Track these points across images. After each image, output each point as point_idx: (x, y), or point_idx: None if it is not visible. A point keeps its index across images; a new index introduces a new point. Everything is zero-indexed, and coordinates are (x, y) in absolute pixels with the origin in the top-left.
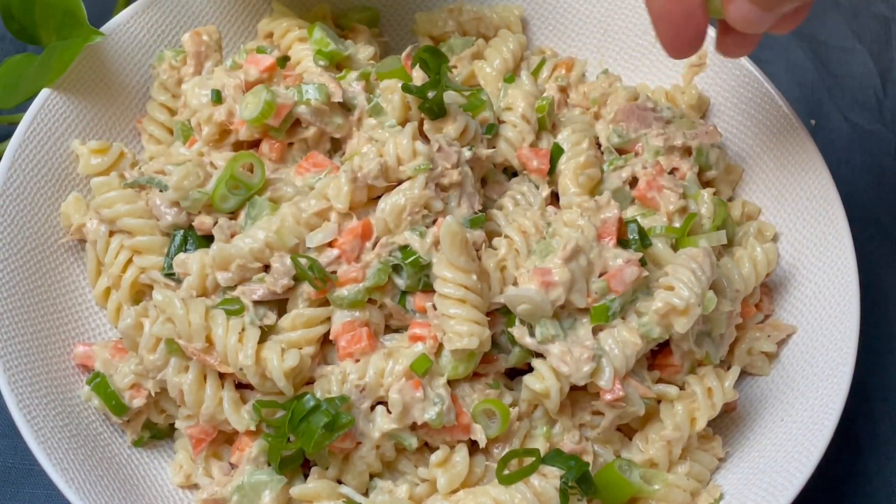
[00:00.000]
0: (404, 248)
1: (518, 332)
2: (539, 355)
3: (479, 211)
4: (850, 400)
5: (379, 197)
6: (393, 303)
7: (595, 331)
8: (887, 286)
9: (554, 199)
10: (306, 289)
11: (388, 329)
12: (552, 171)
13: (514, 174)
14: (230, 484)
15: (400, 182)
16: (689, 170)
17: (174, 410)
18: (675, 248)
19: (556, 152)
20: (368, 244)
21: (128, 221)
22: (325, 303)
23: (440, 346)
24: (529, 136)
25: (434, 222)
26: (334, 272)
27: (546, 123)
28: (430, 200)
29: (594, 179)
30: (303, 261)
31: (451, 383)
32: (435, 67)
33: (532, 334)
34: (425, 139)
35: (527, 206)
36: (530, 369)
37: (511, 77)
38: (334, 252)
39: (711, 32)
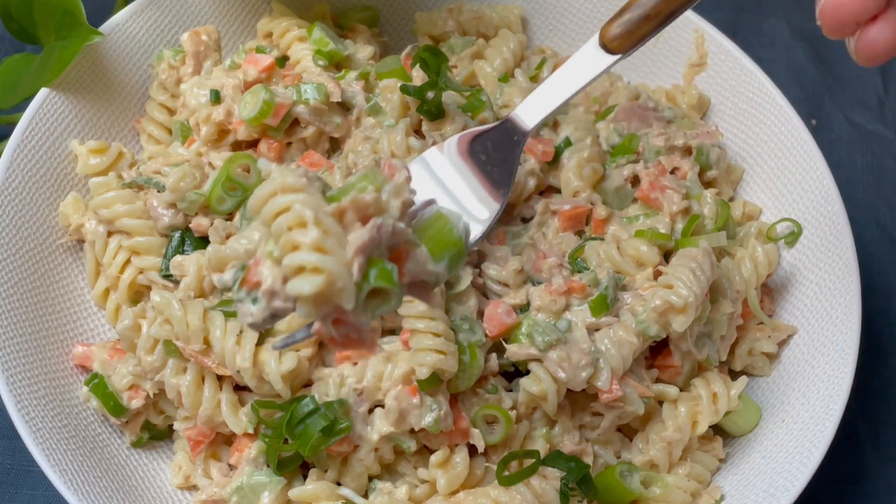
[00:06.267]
0: None
1: (517, 346)
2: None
3: None
4: (851, 401)
5: None
6: None
7: (590, 329)
8: (888, 287)
9: (551, 192)
10: None
11: (385, 331)
12: (555, 162)
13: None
14: (229, 485)
15: None
16: (691, 170)
17: (173, 412)
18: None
19: (564, 144)
20: None
21: (126, 222)
22: None
23: None
24: None
25: None
26: None
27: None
28: None
29: (598, 173)
30: None
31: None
32: (435, 67)
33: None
34: (422, 138)
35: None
36: (528, 371)
37: (505, 77)
38: None
39: (710, 30)
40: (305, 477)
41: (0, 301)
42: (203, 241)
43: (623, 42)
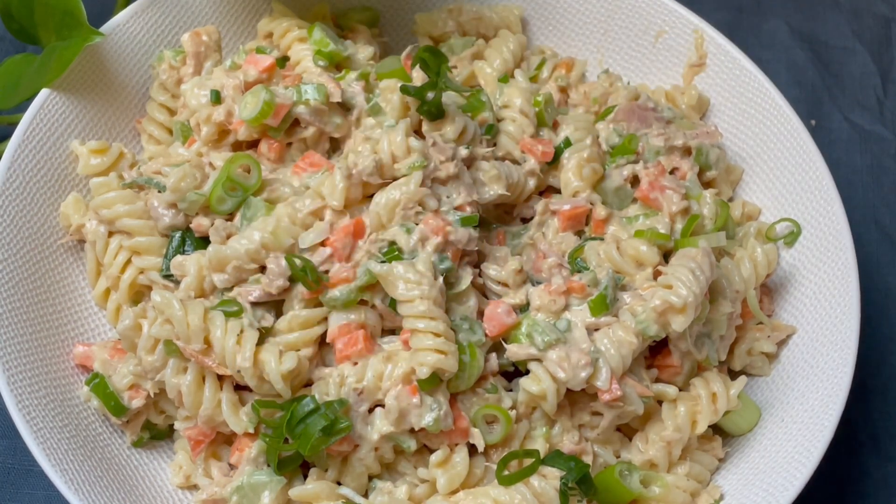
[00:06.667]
0: (393, 244)
1: (517, 346)
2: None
3: (475, 210)
4: (850, 400)
5: (373, 196)
6: (383, 305)
7: (590, 329)
8: (887, 286)
9: (550, 192)
10: (301, 290)
11: (385, 331)
12: (554, 162)
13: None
14: (230, 484)
15: (395, 179)
16: (690, 170)
17: (173, 411)
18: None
19: (564, 144)
20: (361, 243)
21: (127, 222)
22: (321, 303)
23: None
24: (529, 129)
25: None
26: (327, 272)
27: (545, 119)
28: (424, 197)
29: (598, 174)
30: (297, 261)
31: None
32: (435, 68)
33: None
34: (422, 138)
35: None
36: (527, 371)
37: (505, 77)
38: (327, 251)
39: (709, 31)
40: (306, 476)
41: (1, 301)
42: (204, 242)
43: None
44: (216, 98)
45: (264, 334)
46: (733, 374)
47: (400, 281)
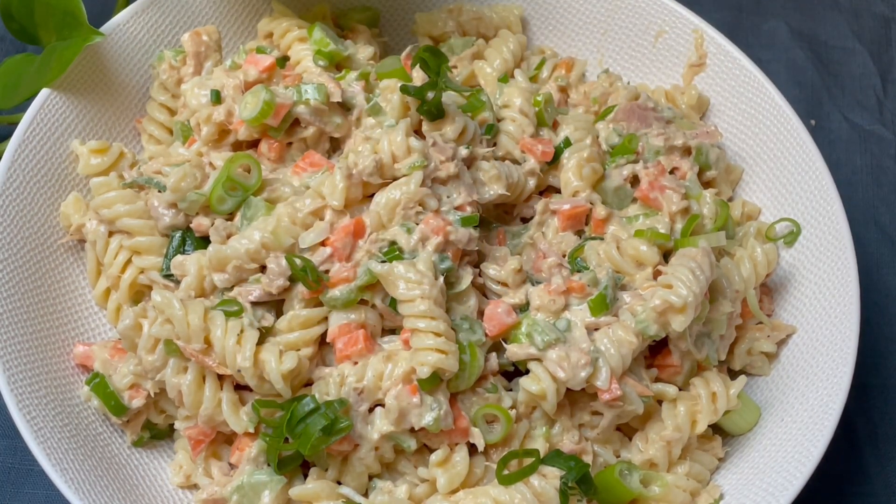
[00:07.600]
0: (393, 244)
1: (517, 346)
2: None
3: (475, 210)
4: (850, 400)
5: (373, 196)
6: (383, 304)
7: (590, 329)
8: (887, 286)
9: (550, 192)
10: (302, 289)
11: (386, 331)
12: (555, 162)
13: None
14: (230, 484)
15: (395, 179)
16: (690, 170)
17: (174, 411)
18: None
19: (564, 144)
20: (361, 242)
21: (127, 222)
22: (321, 303)
23: None
24: (529, 129)
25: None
26: (327, 272)
27: (545, 119)
28: (424, 197)
29: (598, 173)
30: (297, 261)
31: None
32: (435, 67)
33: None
34: (422, 138)
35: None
36: (527, 370)
37: (505, 77)
38: (327, 250)
39: (709, 31)
40: (306, 476)
41: (1, 301)
42: (204, 241)
43: None
44: (216, 98)
45: (264, 334)
46: (733, 374)
47: (400, 280)
